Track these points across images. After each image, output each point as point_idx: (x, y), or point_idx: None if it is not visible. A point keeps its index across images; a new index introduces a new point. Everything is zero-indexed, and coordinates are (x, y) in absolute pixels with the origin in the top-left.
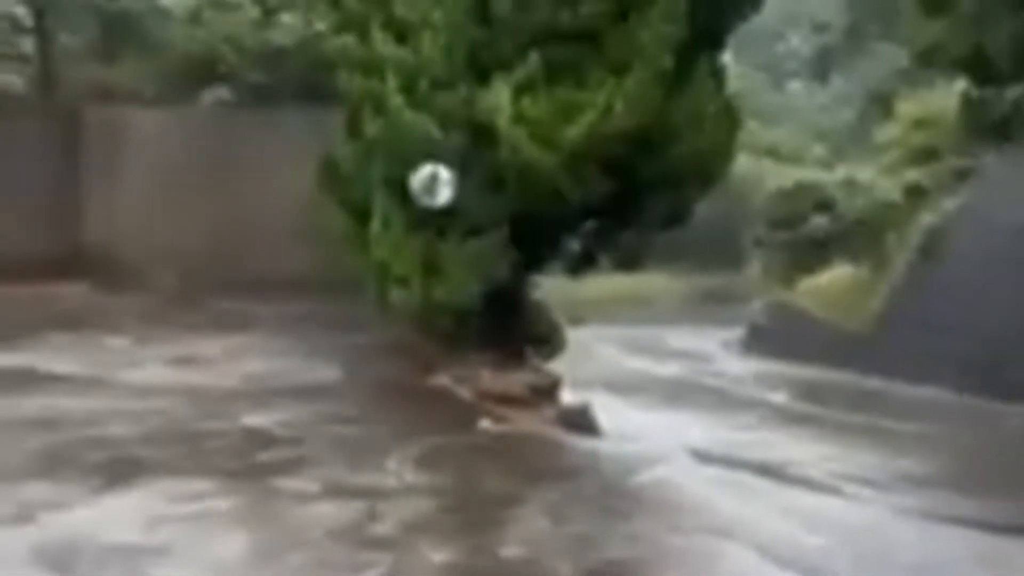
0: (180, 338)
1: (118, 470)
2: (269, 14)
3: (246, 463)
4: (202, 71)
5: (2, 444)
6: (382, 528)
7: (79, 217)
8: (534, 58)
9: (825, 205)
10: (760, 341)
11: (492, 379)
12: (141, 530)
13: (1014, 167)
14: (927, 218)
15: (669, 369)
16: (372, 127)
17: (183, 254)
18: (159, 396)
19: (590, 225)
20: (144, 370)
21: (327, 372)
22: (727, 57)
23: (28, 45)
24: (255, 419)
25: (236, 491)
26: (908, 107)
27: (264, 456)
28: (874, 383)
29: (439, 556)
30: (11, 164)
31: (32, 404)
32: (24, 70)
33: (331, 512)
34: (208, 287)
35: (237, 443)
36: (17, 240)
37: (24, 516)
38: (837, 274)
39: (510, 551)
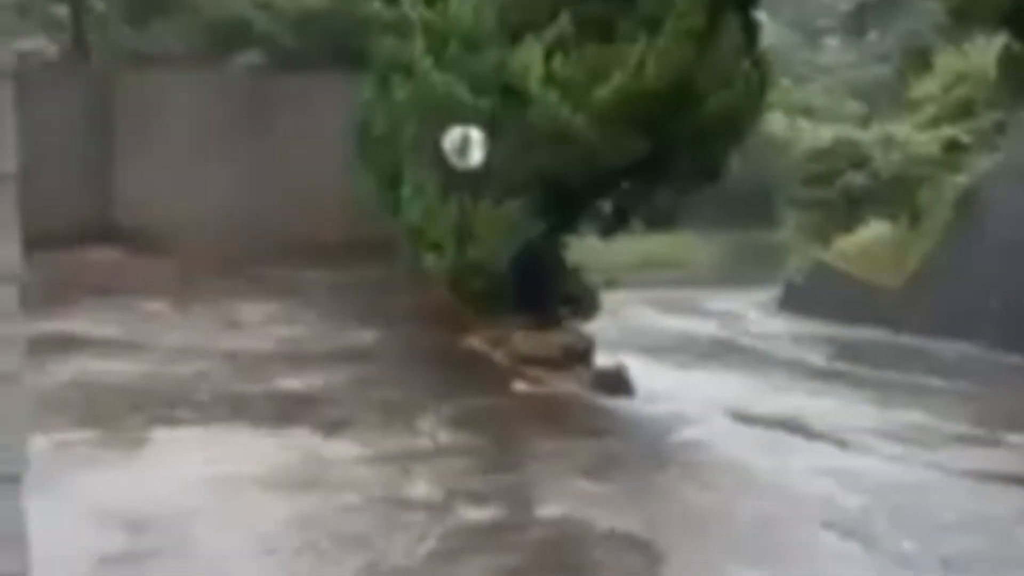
0: (217, 303)
1: (154, 431)
2: None
3: (283, 424)
4: (234, 35)
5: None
6: (417, 489)
7: (113, 182)
8: (565, 18)
9: (861, 162)
10: (795, 300)
11: (526, 341)
12: (176, 493)
13: None
14: (964, 174)
15: (704, 329)
16: (402, 90)
17: (217, 219)
18: (197, 359)
19: (622, 185)
20: (182, 334)
21: (362, 336)
22: (760, 14)
23: (62, 11)
24: (292, 382)
25: (273, 451)
26: (946, 62)
27: (301, 417)
28: (911, 340)
29: (475, 515)
30: (45, 130)
31: (71, 368)
32: (57, 36)
33: (367, 473)
34: (243, 252)
35: (275, 405)
36: (52, 206)
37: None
38: (873, 232)
39: (547, 510)
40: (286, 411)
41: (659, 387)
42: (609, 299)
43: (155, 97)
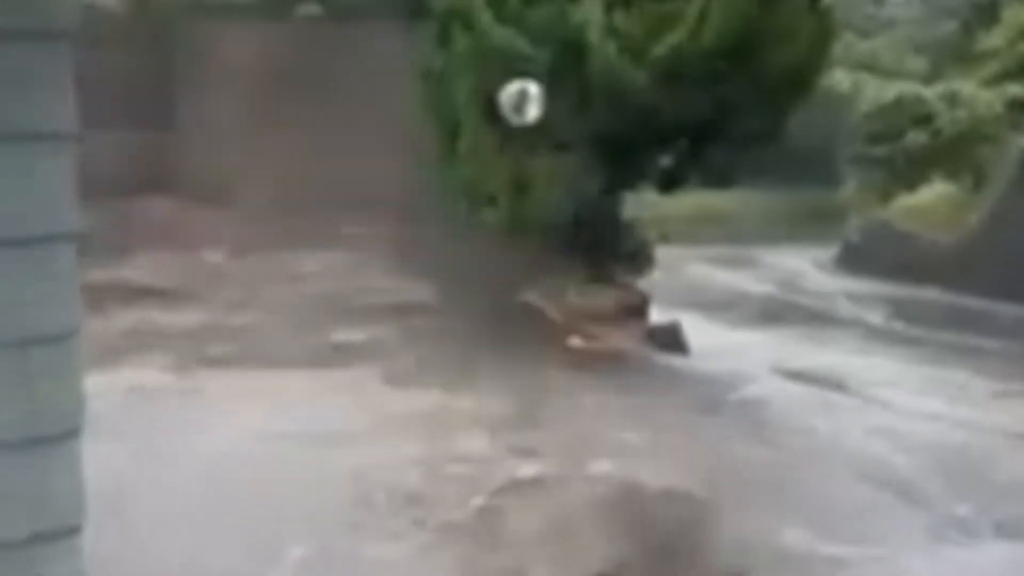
0: (274, 255)
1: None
2: None
3: (339, 372)
4: None
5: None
6: (468, 443)
7: (175, 133)
8: None
9: (924, 120)
10: (855, 259)
11: (581, 297)
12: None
13: None
14: None
15: (760, 288)
16: (461, 43)
17: (277, 170)
18: (253, 311)
19: (681, 142)
20: (239, 285)
21: (418, 289)
22: None
23: None
24: (349, 334)
25: (327, 406)
26: (1012, 15)
27: (356, 368)
28: (971, 302)
29: (528, 470)
30: (105, 81)
31: (128, 318)
32: None
33: (419, 424)
34: (301, 203)
35: (331, 355)
36: (112, 156)
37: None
38: (935, 191)
39: (599, 466)
40: (343, 361)
41: (713, 344)
42: (665, 254)
43: (215, 48)
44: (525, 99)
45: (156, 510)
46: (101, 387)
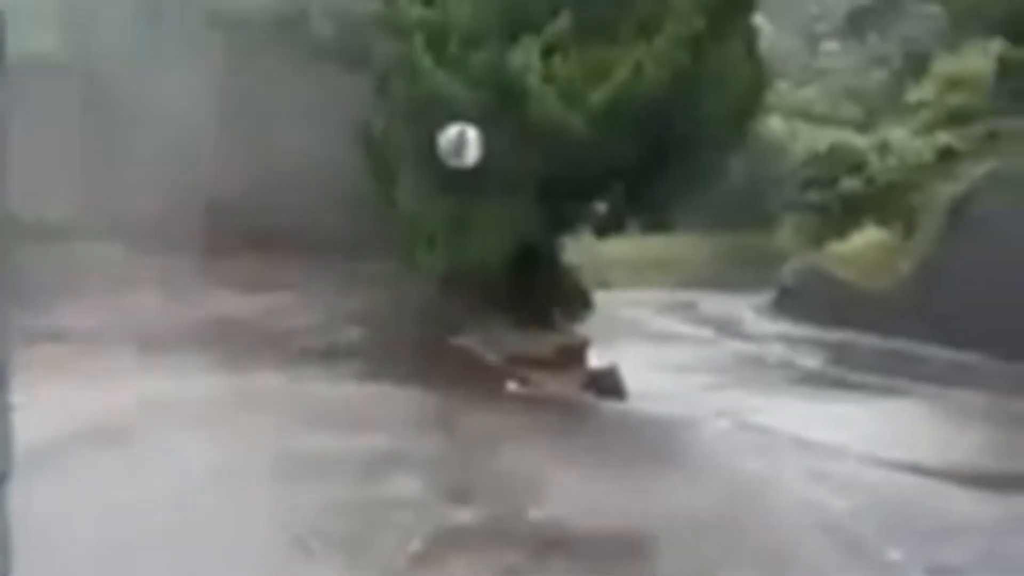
0: (205, 296)
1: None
2: None
3: (262, 417)
4: (234, 32)
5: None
6: (402, 487)
7: (109, 182)
8: (565, 16)
9: (857, 167)
10: (790, 303)
11: (519, 341)
12: None
13: None
14: (957, 181)
15: (699, 332)
16: (401, 87)
17: (205, 213)
18: (177, 354)
19: (618, 186)
20: (168, 330)
21: (352, 331)
22: (758, 17)
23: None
24: (272, 378)
25: (246, 449)
26: (943, 67)
27: (280, 410)
28: (905, 347)
29: (465, 515)
30: (41, 126)
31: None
32: (56, 34)
33: (348, 469)
34: (235, 245)
35: (257, 399)
36: (40, 199)
37: None
38: (868, 237)
39: (537, 512)
40: (265, 404)
41: (652, 389)
42: (604, 299)
43: (150, 94)
44: (463, 142)
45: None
46: None
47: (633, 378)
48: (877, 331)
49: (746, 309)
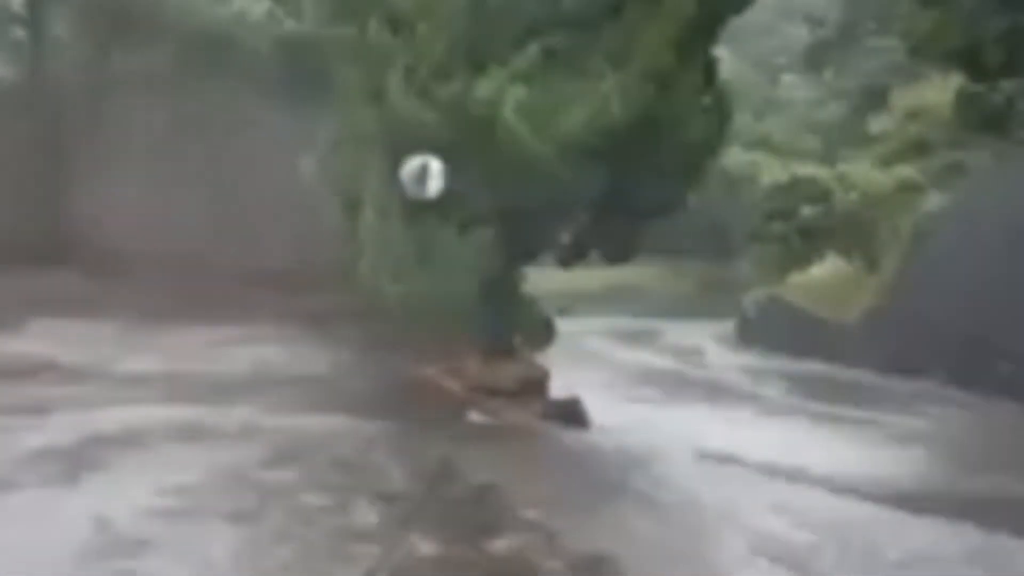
0: (169, 328)
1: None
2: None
3: (231, 450)
4: (202, 61)
5: None
6: (364, 518)
7: (67, 206)
8: (532, 48)
9: (819, 198)
10: (752, 333)
11: (481, 371)
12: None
13: (1005, 161)
14: (917, 213)
15: (660, 361)
16: (369, 117)
17: (173, 244)
18: (143, 386)
19: (583, 216)
20: (136, 360)
21: (316, 362)
22: (720, 50)
23: (20, 34)
24: (243, 411)
25: (214, 486)
26: (902, 100)
27: (247, 442)
28: (865, 377)
29: (427, 547)
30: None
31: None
32: (18, 59)
33: (314, 502)
34: (197, 277)
35: (221, 434)
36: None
37: None
38: (828, 267)
39: (495, 545)
40: (234, 439)
41: (613, 420)
42: (567, 328)
43: (111, 121)
44: (426, 173)
45: None
46: None
47: (595, 408)
48: (838, 361)
49: (708, 339)
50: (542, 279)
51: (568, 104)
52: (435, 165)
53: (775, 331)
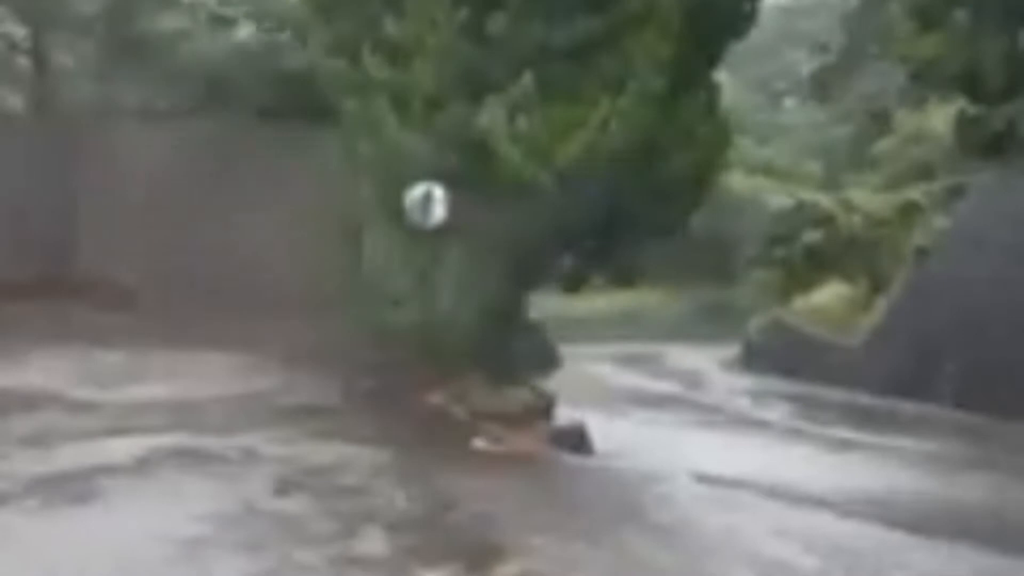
0: (176, 357)
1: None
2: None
3: (234, 481)
4: (208, 92)
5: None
6: (372, 549)
7: (73, 237)
8: (528, 77)
9: (822, 222)
10: (755, 358)
11: (486, 398)
12: None
13: (1006, 185)
14: (920, 236)
15: (665, 386)
16: (367, 148)
17: (178, 273)
18: (150, 414)
19: (584, 242)
20: (142, 390)
21: (323, 392)
22: (721, 75)
23: (25, 64)
24: (248, 439)
25: (228, 518)
26: (903, 125)
27: (253, 471)
28: (870, 401)
29: (431, 574)
30: (5, 184)
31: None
32: (22, 89)
33: (319, 531)
34: (203, 307)
35: (230, 460)
36: (11, 260)
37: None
38: (832, 291)
39: (506, 570)
40: (241, 465)
41: (619, 445)
42: (572, 353)
43: (116, 153)
44: (430, 201)
45: None
46: None
47: (599, 434)
48: (842, 384)
49: (712, 363)
50: (546, 304)
51: (566, 131)
52: (438, 193)
53: (779, 355)
